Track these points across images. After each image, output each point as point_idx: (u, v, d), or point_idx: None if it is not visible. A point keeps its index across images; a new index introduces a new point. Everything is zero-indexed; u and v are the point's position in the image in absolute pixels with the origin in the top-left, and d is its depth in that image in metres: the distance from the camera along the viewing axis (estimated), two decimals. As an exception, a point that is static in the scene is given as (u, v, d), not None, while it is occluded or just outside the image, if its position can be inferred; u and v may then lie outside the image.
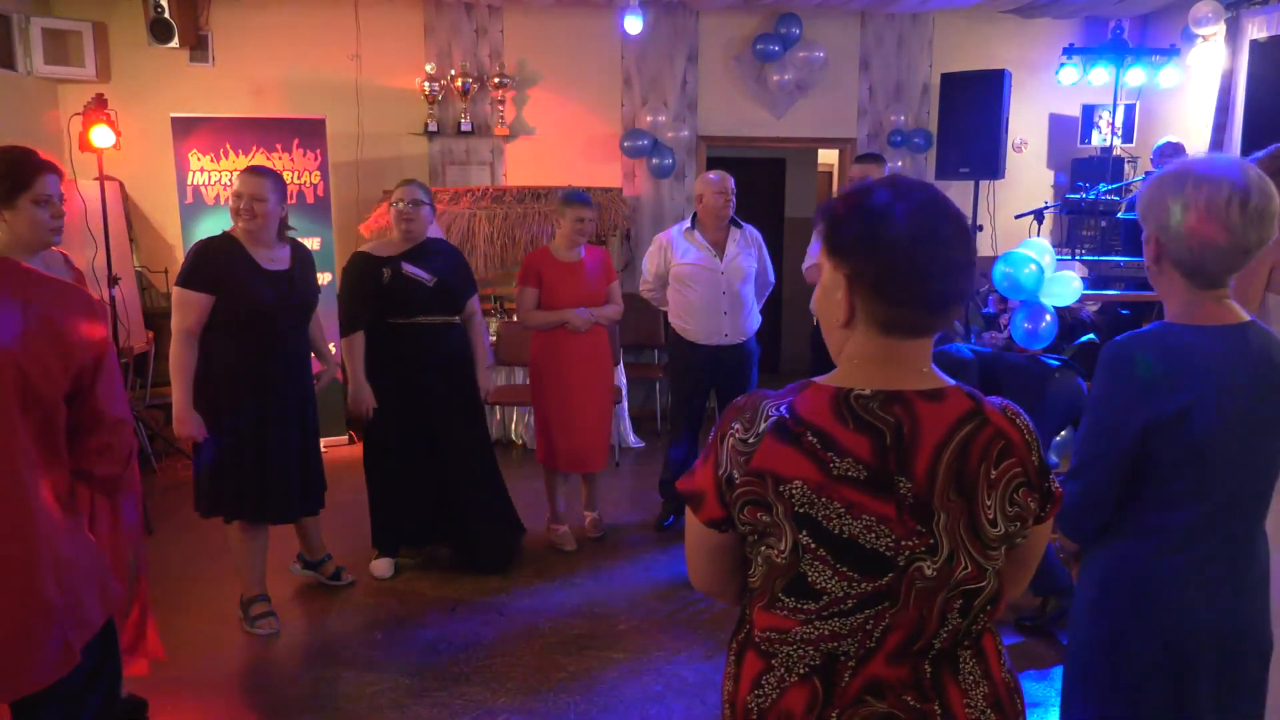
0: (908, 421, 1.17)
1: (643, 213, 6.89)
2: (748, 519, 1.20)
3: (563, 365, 4.20)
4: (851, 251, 1.20)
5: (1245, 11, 5.92)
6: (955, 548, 1.17)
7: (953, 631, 1.22)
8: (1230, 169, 1.52)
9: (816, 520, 1.16)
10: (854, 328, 1.23)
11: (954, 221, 1.18)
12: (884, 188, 1.20)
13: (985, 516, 1.18)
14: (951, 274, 1.17)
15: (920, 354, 1.22)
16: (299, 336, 3.54)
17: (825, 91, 6.97)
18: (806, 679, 1.23)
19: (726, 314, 4.33)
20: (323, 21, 6.47)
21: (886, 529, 1.16)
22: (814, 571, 1.18)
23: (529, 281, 4.19)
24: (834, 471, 1.16)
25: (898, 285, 1.17)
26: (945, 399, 1.20)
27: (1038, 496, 1.23)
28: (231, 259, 3.33)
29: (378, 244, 3.96)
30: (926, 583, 1.17)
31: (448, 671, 3.27)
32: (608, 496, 4.91)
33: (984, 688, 1.25)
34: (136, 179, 6.33)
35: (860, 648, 1.21)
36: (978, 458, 1.18)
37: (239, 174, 3.40)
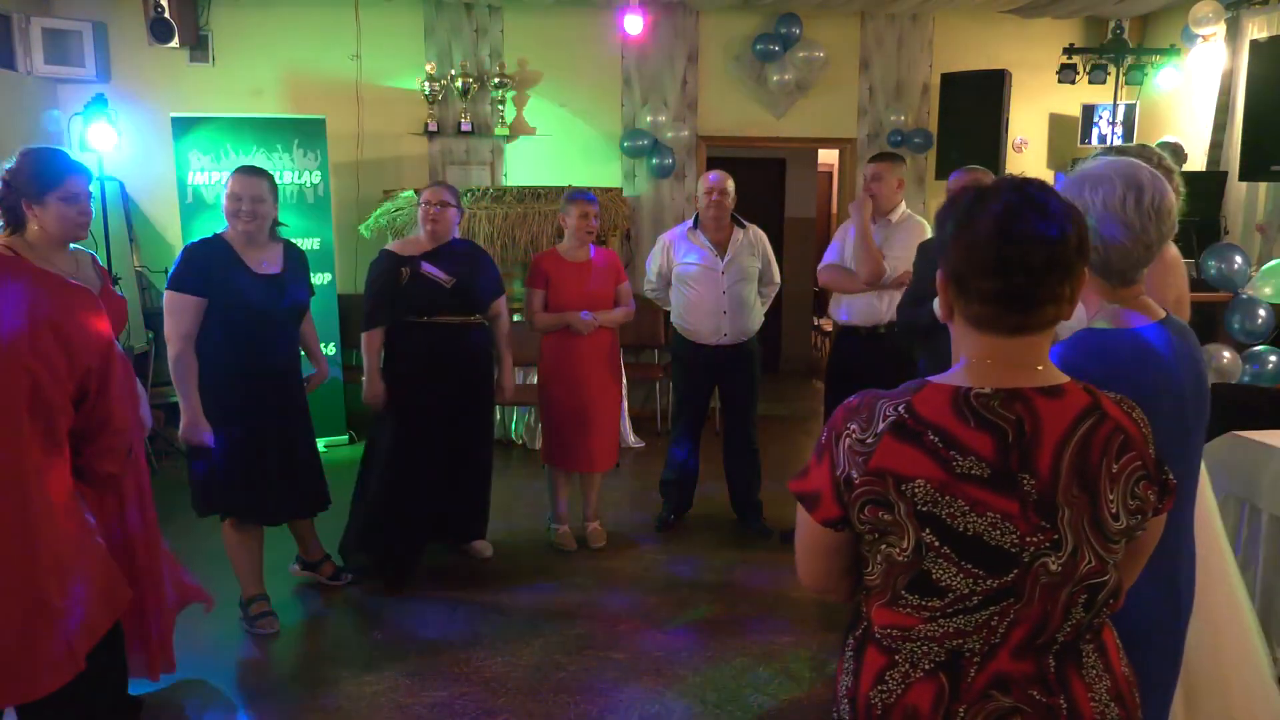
0: (1029, 419, 1.18)
1: (643, 213, 6.89)
2: (868, 518, 1.21)
3: (572, 365, 4.20)
4: (943, 249, 1.24)
5: (1245, 11, 5.92)
6: (1079, 543, 1.19)
7: (1076, 625, 1.23)
8: (1123, 168, 1.59)
9: (940, 518, 1.17)
10: (955, 325, 1.26)
11: (1049, 220, 1.18)
12: (981, 187, 1.23)
13: (1108, 511, 1.20)
14: (1033, 272, 1.17)
15: (1034, 352, 1.23)
16: (289, 339, 3.52)
17: (825, 91, 6.97)
18: (932, 674, 1.23)
19: (726, 314, 4.33)
20: (323, 21, 6.47)
21: (1011, 526, 1.17)
22: (938, 569, 1.19)
23: (536, 283, 4.19)
24: (957, 470, 1.17)
25: (974, 282, 1.20)
26: (1064, 395, 1.21)
27: (1156, 488, 1.25)
28: (221, 262, 3.30)
29: (404, 243, 3.98)
30: (1051, 578, 1.18)
31: (448, 671, 3.26)
32: (607, 496, 4.91)
33: (1106, 681, 1.26)
34: (136, 179, 6.33)
35: (985, 644, 1.22)
36: (1099, 452, 1.19)
37: (234, 175, 3.36)
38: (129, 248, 6.31)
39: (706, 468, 4.91)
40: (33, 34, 5.88)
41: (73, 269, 2.68)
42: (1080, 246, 1.20)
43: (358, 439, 6.18)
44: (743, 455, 4.57)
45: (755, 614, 3.72)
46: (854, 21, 6.93)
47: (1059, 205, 1.20)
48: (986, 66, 6.49)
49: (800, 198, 8.98)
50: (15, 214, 2.54)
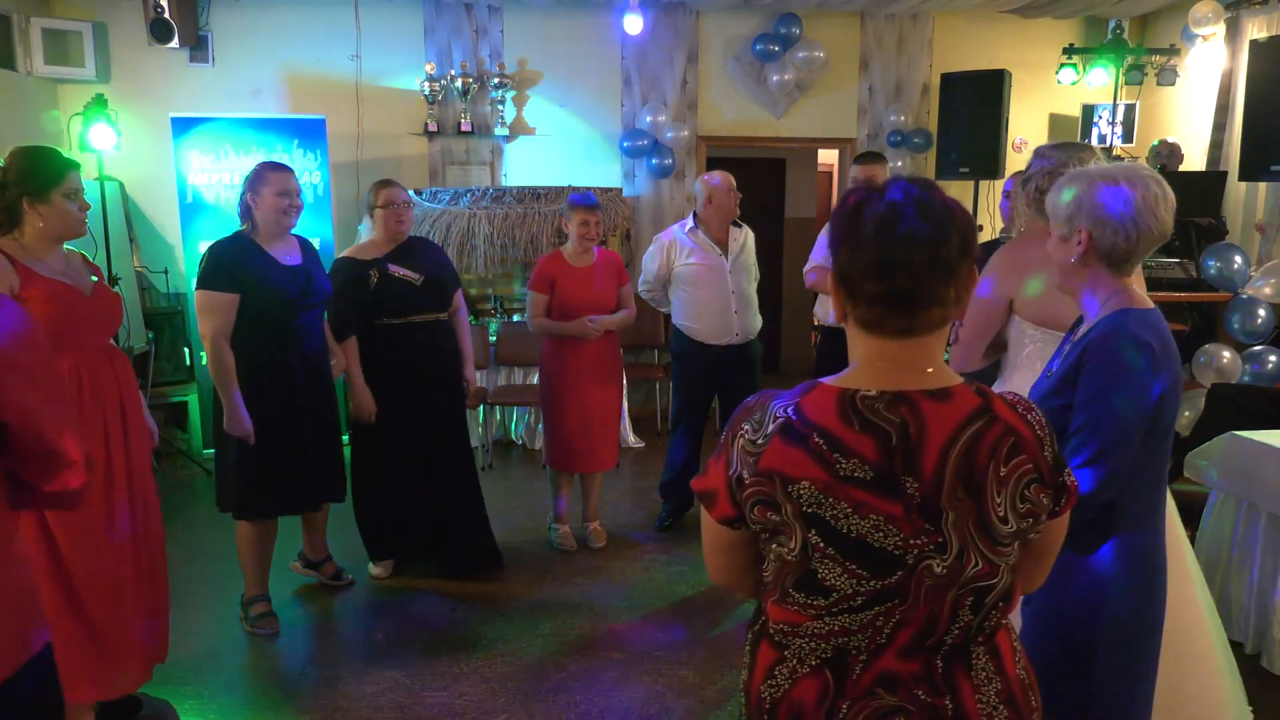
0: (914, 422, 1.18)
1: (643, 213, 6.89)
2: (758, 518, 1.22)
3: (575, 367, 4.19)
4: (833, 250, 1.24)
5: (1245, 11, 5.92)
6: (965, 545, 1.19)
7: (964, 627, 1.23)
8: (1147, 171, 1.75)
9: (825, 520, 1.18)
10: (848, 327, 1.27)
11: (930, 221, 1.17)
12: (865, 188, 1.23)
13: (995, 514, 1.19)
14: (914, 274, 1.17)
15: (924, 354, 1.23)
16: (316, 328, 3.56)
17: (825, 91, 6.97)
18: (818, 670, 1.25)
19: (736, 313, 4.34)
20: (323, 21, 6.47)
21: (894, 528, 1.17)
22: (824, 569, 1.20)
23: (540, 287, 4.17)
24: (840, 472, 1.17)
25: (857, 283, 1.21)
26: (953, 398, 1.21)
27: (1051, 491, 1.23)
28: (250, 257, 3.35)
29: (361, 247, 3.93)
30: (936, 580, 1.19)
31: (448, 671, 3.27)
32: (607, 496, 4.91)
33: (997, 683, 1.26)
34: (136, 179, 6.33)
35: (871, 643, 1.23)
36: (986, 455, 1.19)
37: (279, 173, 3.40)
38: (129, 248, 6.30)
39: (706, 468, 4.91)
40: (33, 34, 5.88)
41: (63, 267, 2.67)
42: (964, 248, 1.19)
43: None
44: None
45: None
46: (854, 21, 6.94)
47: (943, 206, 1.19)
48: (986, 66, 6.48)
49: (800, 198, 8.98)
50: (13, 213, 2.54)
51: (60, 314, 2.58)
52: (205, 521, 3.56)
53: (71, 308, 2.61)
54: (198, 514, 3.59)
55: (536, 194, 6.17)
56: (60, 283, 2.60)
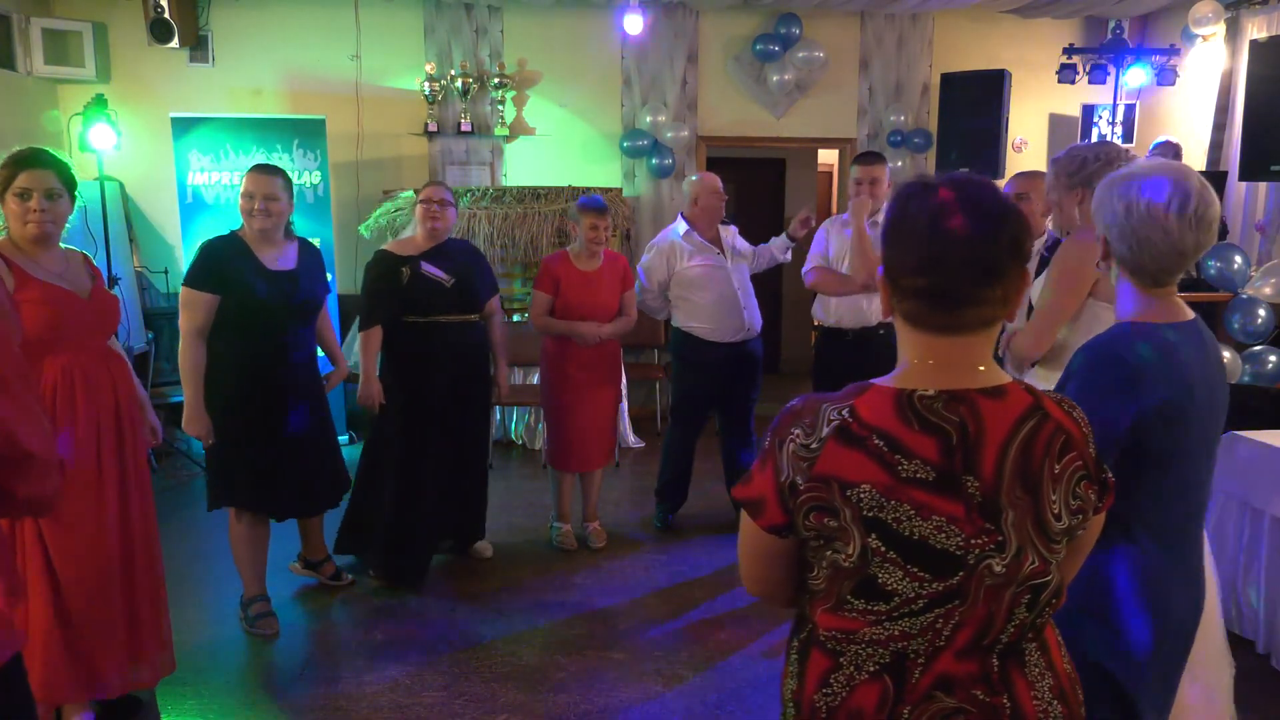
0: (972, 420, 1.18)
1: (643, 213, 6.89)
2: (813, 524, 1.20)
3: (575, 367, 4.19)
4: (883, 242, 1.24)
5: (1245, 11, 5.92)
6: (1023, 543, 1.18)
7: (1019, 625, 1.23)
8: (1175, 174, 1.59)
9: (886, 523, 1.16)
10: (896, 323, 1.26)
11: (980, 219, 1.16)
12: (919, 181, 1.22)
13: (1050, 511, 1.19)
14: (955, 272, 1.16)
15: (974, 352, 1.22)
16: (303, 336, 3.54)
17: (825, 91, 6.97)
18: (877, 676, 1.23)
19: (746, 309, 4.35)
20: (323, 21, 6.47)
21: (956, 529, 1.16)
22: (884, 574, 1.18)
23: (544, 286, 4.16)
24: (902, 474, 1.16)
25: (904, 279, 1.20)
26: (1007, 396, 1.21)
27: (1096, 488, 1.24)
28: (237, 259, 3.33)
29: (400, 243, 3.98)
30: (995, 579, 1.18)
31: (448, 671, 3.27)
32: (608, 496, 4.91)
33: (1049, 679, 1.26)
34: (136, 179, 6.33)
35: (930, 645, 1.21)
36: (1041, 453, 1.19)
37: (249, 174, 3.39)
38: (129, 248, 6.30)
39: (707, 467, 4.91)
40: (33, 34, 5.88)
41: (61, 268, 2.67)
42: (1013, 249, 1.17)
43: (358, 439, 6.18)
44: (745, 454, 4.57)
45: (755, 614, 3.72)
46: (854, 21, 6.94)
47: (996, 205, 1.18)
48: (986, 66, 6.48)
49: (800, 198, 8.98)
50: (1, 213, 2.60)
51: (55, 316, 2.59)
52: (205, 522, 3.56)
53: (66, 310, 2.62)
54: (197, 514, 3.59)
55: (536, 194, 6.17)
56: (55, 286, 2.60)
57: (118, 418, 2.73)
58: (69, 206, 2.69)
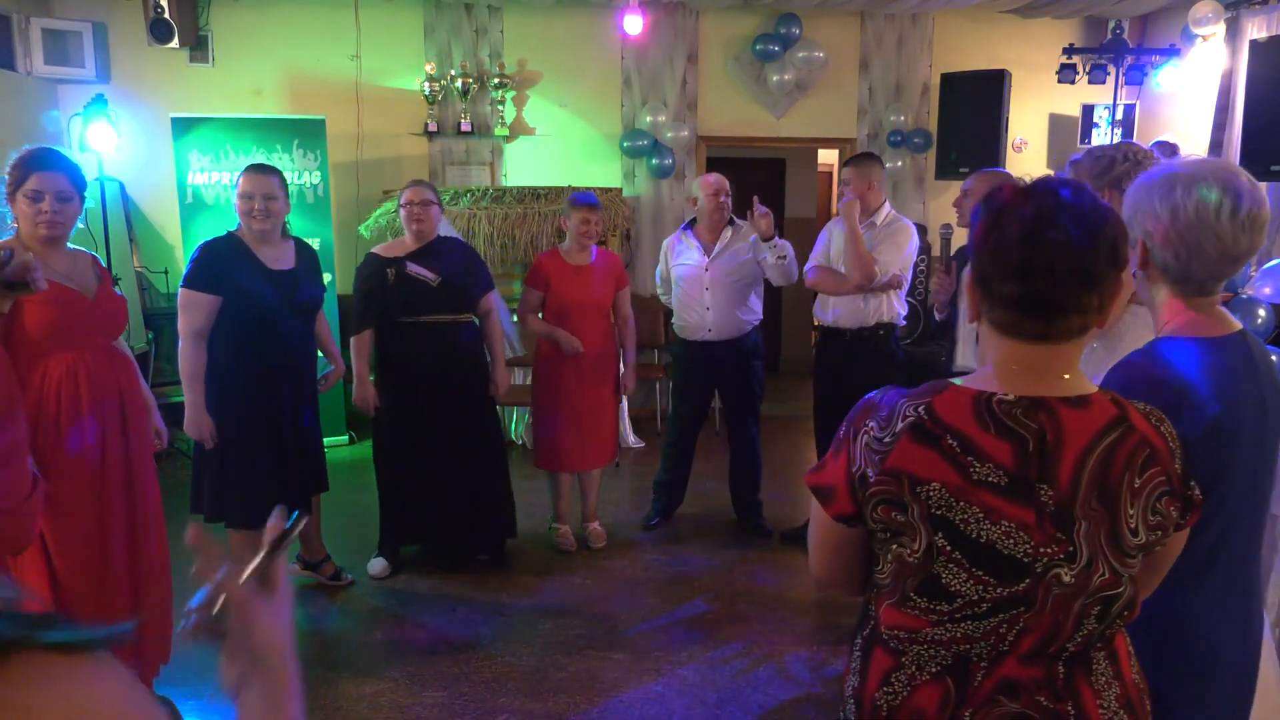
0: (1051, 429, 1.16)
1: (643, 213, 6.89)
2: (880, 518, 1.19)
3: (567, 365, 4.18)
4: (972, 251, 1.22)
5: (1245, 11, 5.92)
6: (1094, 555, 1.16)
7: (1087, 635, 1.21)
8: (1222, 174, 1.46)
9: (954, 523, 1.15)
10: (982, 329, 1.24)
11: (1080, 226, 1.14)
12: (1014, 187, 1.20)
13: (1127, 525, 1.17)
14: (1056, 279, 1.14)
15: (1062, 360, 1.20)
16: (304, 336, 3.54)
17: (825, 91, 6.97)
18: (939, 677, 1.22)
19: (710, 310, 4.37)
20: (323, 21, 6.47)
21: (1025, 535, 1.15)
22: (948, 574, 1.18)
23: (534, 283, 4.19)
24: (974, 476, 1.15)
25: (993, 283, 1.18)
26: (1090, 406, 1.18)
27: (1179, 504, 1.21)
28: (236, 259, 3.33)
29: (390, 245, 3.98)
30: (1064, 589, 1.16)
31: (448, 671, 3.27)
32: (607, 496, 4.90)
33: (1116, 688, 1.24)
34: (136, 179, 6.33)
35: (993, 649, 1.20)
36: (1122, 466, 1.16)
37: (245, 174, 3.38)
38: (129, 248, 6.30)
39: (706, 467, 4.91)
40: (33, 34, 5.88)
41: (69, 269, 2.68)
42: (1112, 256, 1.15)
43: (358, 439, 6.19)
44: (744, 455, 4.57)
45: (755, 614, 3.72)
46: (854, 21, 6.93)
47: (1095, 212, 1.15)
48: (986, 66, 6.49)
49: (800, 198, 8.98)
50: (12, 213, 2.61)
51: (60, 317, 2.59)
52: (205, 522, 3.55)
53: (72, 311, 2.62)
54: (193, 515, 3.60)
55: (536, 194, 6.17)
56: (61, 286, 2.61)
57: (123, 417, 2.74)
58: (79, 208, 2.72)
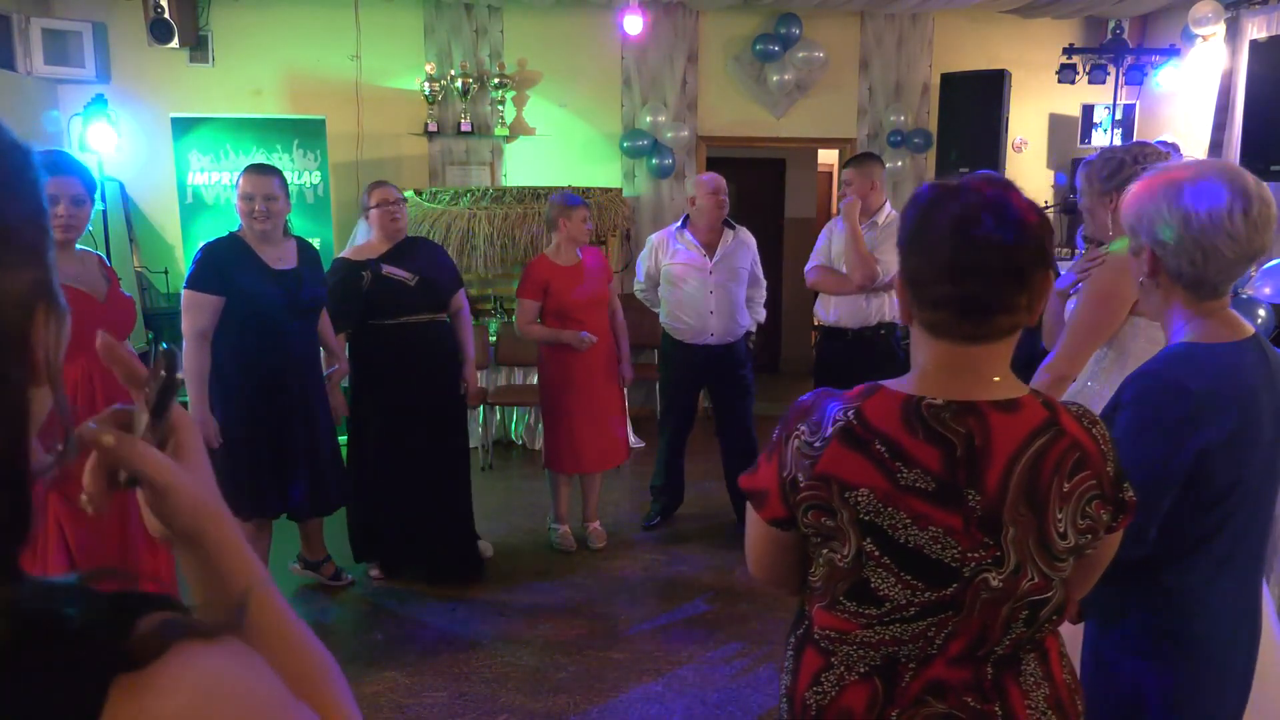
0: (980, 433, 1.15)
1: (643, 213, 6.89)
2: (811, 522, 1.19)
3: (573, 367, 4.17)
4: (900, 251, 1.21)
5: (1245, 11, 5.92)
6: (1023, 560, 1.16)
7: (1016, 639, 1.21)
8: (1226, 175, 1.44)
9: (882, 529, 1.15)
10: (913, 330, 1.23)
11: (1006, 225, 1.13)
12: (939, 186, 1.20)
13: (1055, 530, 1.16)
14: (987, 278, 1.13)
15: (992, 362, 1.19)
16: (307, 335, 3.54)
17: (825, 91, 6.97)
18: (867, 678, 1.23)
19: (714, 314, 4.35)
20: (323, 21, 6.47)
21: (953, 540, 1.14)
22: (877, 578, 1.18)
23: (531, 293, 4.14)
24: (902, 482, 1.14)
25: (925, 285, 1.17)
26: (1020, 410, 1.17)
27: (1110, 508, 1.20)
28: (239, 260, 3.33)
29: (358, 248, 3.93)
30: (992, 593, 1.16)
31: (448, 671, 3.27)
32: (607, 496, 4.91)
33: (1045, 689, 1.24)
34: (136, 179, 6.33)
35: (922, 652, 1.20)
36: (1051, 471, 1.15)
37: (244, 175, 3.38)
38: (129, 248, 6.30)
39: (706, 467, 4.91)
40: (33, 34, 5.88)
41: (78, 270, 2.69)
42: (1040, 254, 1.15)
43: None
44: (741, 456, 4.56)
45: (755, 614, 3.72)
46: (854, 21, 6.93)
47: (1021, 209, 1.15)
48: (986, 66, 6.49)
49: (800, 198, 8.98)
50: None
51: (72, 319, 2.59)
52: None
53: (84, 314, 2.63)
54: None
55: (536, 194, 6.17)
56: (73, 288, 2.63)
57: None
58: (90, 210, 2.74)
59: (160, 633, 0.52)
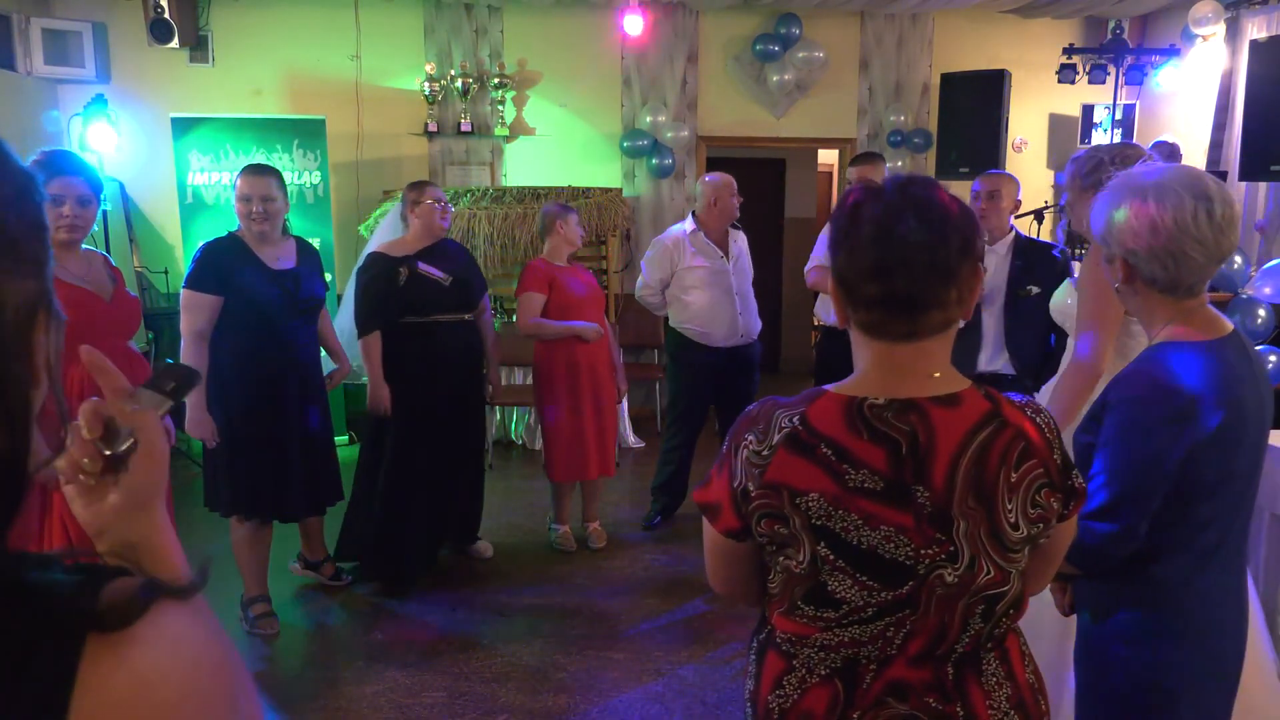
0: (923, 429, 1.16)
1: (642, 213, 6.89)
2: (764, 531, 1.20)
3: (574, 372, 4.17)
4: (831, 254, 1.22)
5: (1245, 11, 5.92)
6: (976, 554, 1.17)
7: (975, 635, 1.21)
8: (1187, 180, 1.48)
9: (834, 532, 1.16)
10: (851, 332, 1.24)
11: (929, 222, 1.14)
12: (863, 188, 1.20)
13: (1006, 521, 1.17)
14: (913, 275, 1.14)
15: (928, 358, 1.19)
16: (306, 335, 3.54)
17: (825, 91, 6.97)
18: (828, 680, 1.23)
19: (741, 314, 4.35)
20: (323, 21, 6.47)
21: (905, 539, 1.15)
22: (834, 581, 1.18)
23: (537, 287, 4.13)
24: (850, 484, 1.15)
25: (855, 285, 1.18)
26: (961, 404, 1.18)
27: (1061, 495, 1.21)
28: (238, 260, 3.33)
29: (391, 244, 3.94)
30: (947, 589, 1.17)
31: (448, 671, 3.27)
32: (607, 497, 4.91)
33: (1007, 689, 1.25)
34: (136, 179, 6.33)
35: (881, 652, 1.21)
36: (997, 462, 1.16)
37: (242, 176, 3.38)
38: (129, 248, 6.30)
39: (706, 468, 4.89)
40: (33, 34, 5.88)
41: (84, 270, 2.71)
42: (964, 248, 1.16)
43: (357, 439, 6.18)
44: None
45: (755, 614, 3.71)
46: (854, 21, 6.93)
47: (942, 206, 1.16)
48: (986, 66, 6.49)
49: (800, 198, 8.98)
50: None
51: (79, 319, 2.60)
52: (205, 522, 3.56)
53: (90, 313, 2.64)
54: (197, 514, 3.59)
55: (536, 194, 6.17)
56: (80, 288, 2.64)
57: None
58: (96, 210, 2.76)
59: (140, 593, 0.57)
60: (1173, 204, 1.45)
